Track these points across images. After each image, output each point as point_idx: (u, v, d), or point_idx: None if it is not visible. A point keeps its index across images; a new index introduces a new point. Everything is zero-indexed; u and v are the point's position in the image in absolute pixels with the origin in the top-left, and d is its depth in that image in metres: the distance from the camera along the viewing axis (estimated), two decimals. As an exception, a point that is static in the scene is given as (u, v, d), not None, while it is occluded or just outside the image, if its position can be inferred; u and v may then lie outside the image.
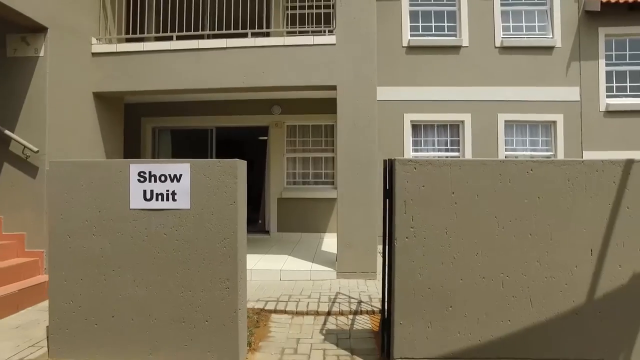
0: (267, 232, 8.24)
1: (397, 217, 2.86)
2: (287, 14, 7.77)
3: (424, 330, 2.83)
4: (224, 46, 5.46)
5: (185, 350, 2.93)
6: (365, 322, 3.86)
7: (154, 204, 2.91)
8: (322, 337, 3.53)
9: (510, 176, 2.82)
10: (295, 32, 6.44)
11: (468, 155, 7.98)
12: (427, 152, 8.17)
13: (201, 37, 5.86)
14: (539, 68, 7.96)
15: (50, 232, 3.06)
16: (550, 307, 2.80)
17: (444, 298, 2.83)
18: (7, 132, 4.61)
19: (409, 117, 8.02)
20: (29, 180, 4.72)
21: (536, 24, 8.13)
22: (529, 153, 8.13)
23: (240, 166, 2.95)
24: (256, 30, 5.55)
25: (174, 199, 2.89)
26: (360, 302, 4.37)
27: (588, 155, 7.92)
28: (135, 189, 2.93)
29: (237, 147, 11.41)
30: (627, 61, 8.01)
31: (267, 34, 5.97)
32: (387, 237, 3.02)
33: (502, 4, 8.07)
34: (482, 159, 2.89)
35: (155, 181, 2.90)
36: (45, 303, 4.35)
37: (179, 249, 2.92)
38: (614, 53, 8.02)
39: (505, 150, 8.05)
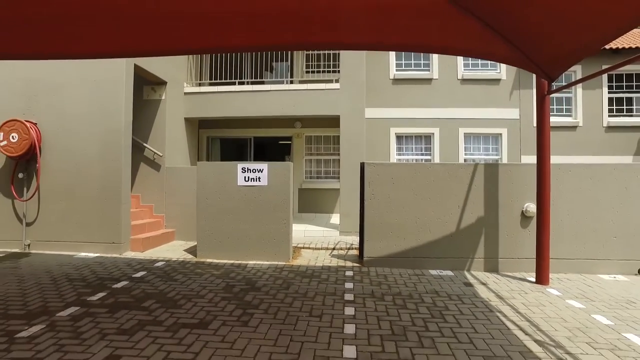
0: (291, 213, 11.35)
1: (365, 190, 5.94)
2: (307, 54, 10.88)
3: (378, 243, 5.91)
4: (269, 89, 8.61)
5: (263, 254, 6.06)
6: (353, 252, 6.94)
7: (249, 183, 6.05)
8: (330, 256, 6.63)
9: (420, 170, 5.89)
10: (314, 76, 9.54)
11: (437, 157, 11.00)
12: (408, 155, 11.22)
13: (242, 83, 8.98)
14: (489, 94, 10.95)
15: (197, 196, 6.20)
16: (439, 233, 5.85)
17: (388, 228, 5.90)
18: (144, 144, 7.79)
19: (394, 130, 11.07)
20: (155, 173, 7.90)
21: (488, 62, 11.11)
22: (482, 156, 11.13)
23: (290, 165, 6.08)
24: (290, 78, 8.67)
25: (259, 180, 6.02)
26: (352, 244, 7.47)
27: (525, 158, 10.89)
28: (240, 175, 6.06)
29: (268, 150, 14.51)
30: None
31: (292, 82, 9.09)
32: (361, 200, 6.11)
33: (463, 47, 11.05)
34: (405, 163, 5.97)
35: (250, 172, 6.03)
36: (170, 242, 7.55)
37: (261, 204, 6.05)
38: (544, 84, 10.97)
39: (465, 155, 11.06)
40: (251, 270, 5.55)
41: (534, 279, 5.32)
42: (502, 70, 10.91)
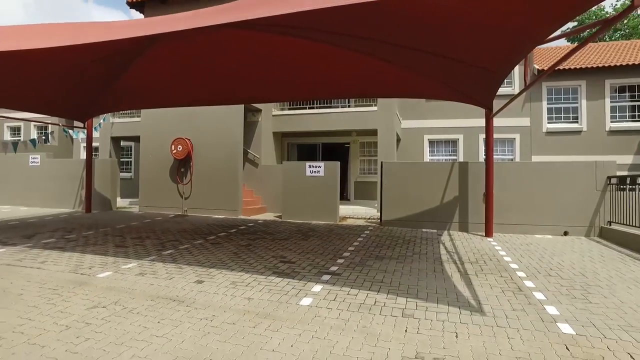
0: (348, 200, 15.14)
1: (383, 178, 9.55)
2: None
3: (390, 211, 9.47)
4: (331, 112, 12.50)
5: (321, 217, 9.94)
6: (381, 221, 10.54)
7: (313, 174, 9.98)
8: (364, 222, 10.28)
9: (421, 167, 9.36)
10: (362, 104, 13.28)
11: (461, 157, 14.02)
12: (438, 156, 14.37)
13: (312, 107, 12.93)
14: (505, 107, 13.69)
15: (283, 182, 10.29)
16: (429, 206, 9.25)
17: (398, 202, 9.43)
18: (248, 150, 12.10)
19: (427, 137, 14.31)
20: (254, 169, 12.18)
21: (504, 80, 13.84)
22: (500, 156, 13.91)
23: (337, 164, 9.92)
24: (346, 104, 12.50)
25: (319, 173, 9.92)
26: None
27: (535, 157, 13.50)
28: (307, 169, 10.02)
29: (332, 152, 18.42)
30: (562, 101, 13.42)
31: (348, 106, 12.90)
32: (380, 185, 9.71)
33: (484, 70, 13.96)
34: (408, 162, 9.48)
35: (313, 167, 9.95)
36: (264, 213, 11.78)
37: (320, 187, 9.96)
38: (553, 97, 13.48)
39: (483, 155, 13.92)
40: (313, 225, 9.46)
41: (484, 234, 8.52)
42: (515, 86, 13.63)
